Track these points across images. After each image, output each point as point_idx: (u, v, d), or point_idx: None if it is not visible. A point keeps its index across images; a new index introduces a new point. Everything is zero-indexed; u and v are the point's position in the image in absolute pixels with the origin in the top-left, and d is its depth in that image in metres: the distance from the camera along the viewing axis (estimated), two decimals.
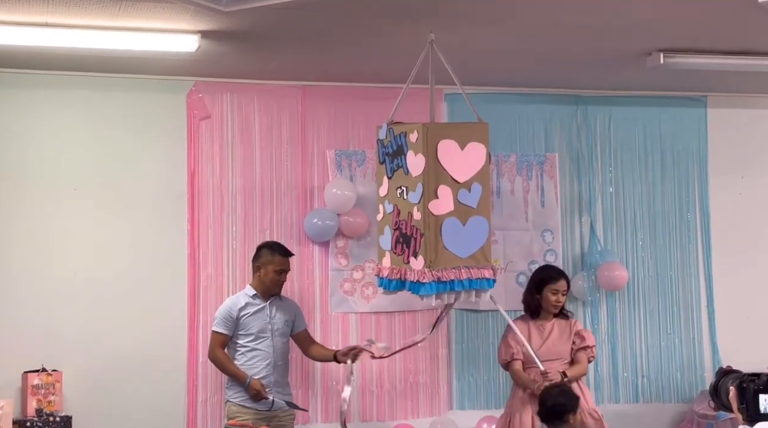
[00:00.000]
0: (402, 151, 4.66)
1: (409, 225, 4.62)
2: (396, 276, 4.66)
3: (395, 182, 4.72)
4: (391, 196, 4.74)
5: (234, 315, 5.27)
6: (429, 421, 6.00)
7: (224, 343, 5.29)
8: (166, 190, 5.79)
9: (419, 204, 4.55)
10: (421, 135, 4.55)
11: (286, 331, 5.39)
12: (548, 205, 6.32)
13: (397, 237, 4.68)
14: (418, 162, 4.57)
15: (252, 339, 5.27)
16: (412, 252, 4.59)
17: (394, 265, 4.69)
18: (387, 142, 4.77)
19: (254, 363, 5.24)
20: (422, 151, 4.54)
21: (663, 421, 6.30)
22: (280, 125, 6.00)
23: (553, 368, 5.18)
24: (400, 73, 4.87)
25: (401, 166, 4.68)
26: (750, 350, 6.20)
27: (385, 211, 4.78)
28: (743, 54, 5.39)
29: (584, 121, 6.41)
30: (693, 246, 6.50)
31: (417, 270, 4.54)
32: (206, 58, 5.24)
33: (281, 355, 5.33)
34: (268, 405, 5.20)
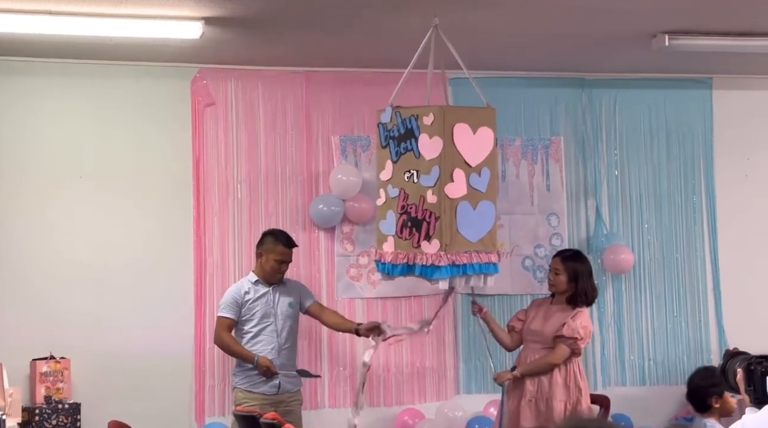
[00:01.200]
0: (412, 134, 4.65)
1: (420, 209, 4.61)
2: (402, 260, 4.66)
3: (403, 166, 4.70)
4: (396, 180, 4.73)
5: (239, 300, 5.29)
6: (436, 405, 6.01)
7: (230, 327, 5.31)
8: (171, 176, 5.80)
9: (435, 187, 4.55)
10: (437, 118, 4.56)
11: (293, 313, 5.40)
12: (554, 188, 6.31)
13: (403, 222, 4.67)
14: (434, 145, 4.57)
15: (256, 324, 5.29)
16: (423, 236, 4.58)
17: (400, 250, 4.68)
18: (392, 126, 4.75)
19: (259, 348, 5.26)
20: (439, 133, 4.55)
21: (670, 404, 6.30)
22: (285, 111, 5.99)
23: (531, 349, 5.18)
24: (404, 58, 4.85)
25: (410, 150, 4.67)
26: (756, 332, 6.20)
27: (389, 195, 4.77)
28: (748, 35, 5.36)
29: (589, 104, 6.39)
30: (699, 228, 6.49)
31: (431, 253, 4.54)
32: (210, 44, 5.24)
33: (287, 339, 5.34)
34: (275, 389, 5.23)
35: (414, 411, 5.97)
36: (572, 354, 5.09)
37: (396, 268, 4.69)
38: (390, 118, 4.76)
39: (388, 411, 5.98)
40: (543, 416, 5.02)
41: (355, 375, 5.93)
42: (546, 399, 5.06)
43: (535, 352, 5.17)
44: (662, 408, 6.28)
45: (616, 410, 6.00)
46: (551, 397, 5.05)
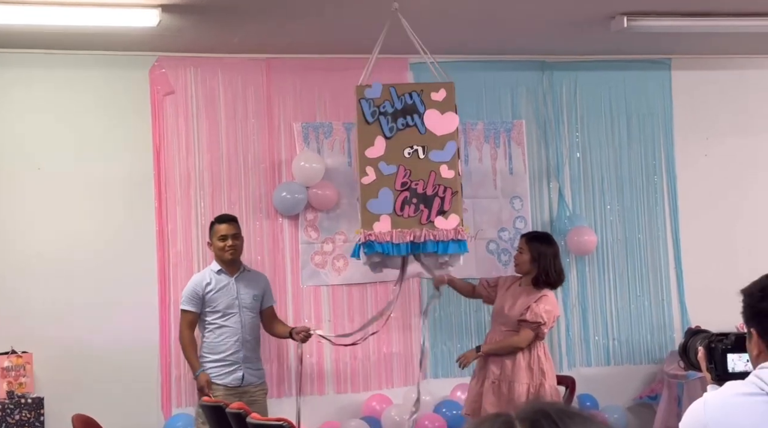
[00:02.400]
0: (414, 109, 4.64)
1: (430, 185, 4.59)
2: (408, 239, 4.62)
3: (401, 141, 4.67)
4: (392, 157, 4.67)
5: (200, 292, 5.25)
6: (403, 390, 6.02)
7: (193, 322, 5.28)
8: (131, 166, 5.74)
9: (450, 162, 4.56)
10: (450, 93, 4.58)
11: (255, 306, 5.37)
12: (516, 172, 6.33)
13: (405, 199, 4.64)
14: (448, 120, 4.59)
15: (219, 315, 5.25)
16: (436, 212, 4.57)
17: (401, 228, 4.63)
18: (382, 102, 4.70)
19: (223, 340, 5.23)
20: (453, 109, 4.59)
21: (634, 382, 6.37)
22: (245, 99, 5.95)
23: (495, 330, 5.21)
24: (365, 43, 4.85)
25: (412, 125, 4.65)
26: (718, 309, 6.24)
27: (381, 172, 4.70)
28: (705, 15, 5.40)
29: (550, 87, 6.41)
30: (660, 208, 6.54)
31: (449, 228, 4.54)
32: (168, 32, 5.18)
33: (250, 330, 5.32)
34: (239, 381, 5.21)
35: (381, 396, 5.98)
36: (536, 338, 5.11)
37: (398, 247, 4.65)
38: (380, 93, 4.71)
39: (356, 397, 5.98)
40: (505, 398, 5.05)
41: (322, 362, 5.93)
42: (509, 382, 5.08)
43: (501, 334, 5.20)
44: (627, 387, 6.35)
45: (582, 390, 6.06)
46: (514, 380, 5.07)
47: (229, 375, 5.21)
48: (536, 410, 1.22)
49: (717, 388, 2.13)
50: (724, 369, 2.34)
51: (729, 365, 2.34)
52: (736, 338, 2.35)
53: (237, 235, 5.32)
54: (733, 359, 2.34)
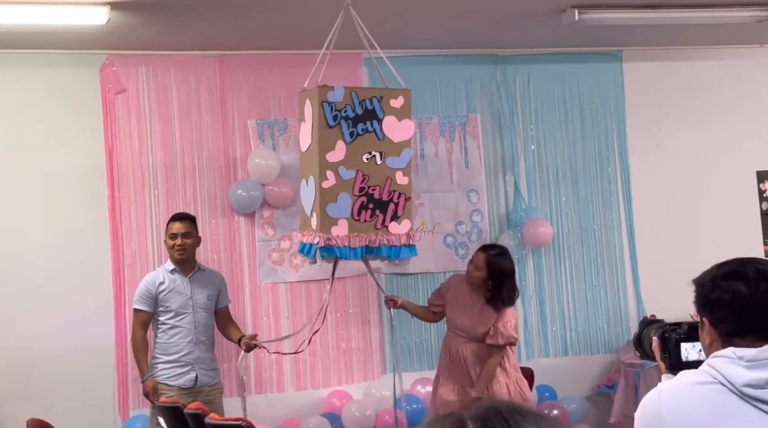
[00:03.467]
0: (374, 115, 4.65)
1: (386, 190, 4.61)
2: (362, 243, 4.64)
3: (360, 147, 4.67)
4: (351, 162, 4.67)
5: (152, 291, 5.20)
6: (363, 386, 6.02)
7: (146, 321, 5.22)
8: (84, 166, 5.67)
9: (405, 169, 4.60)
10: (407, 100, 4.61)
11: (209, 306, 5.32)
12: (472, 165, 6.35)
13: (362, 204, 4.65)
14: (405, 127, 4.62)
15: (173, 315, 5.20)
16: (390, 217, 4.61)
17: (356, 233, 4.65)
18: (344, 106, 4.69)
19: (176, 341, 5.18)
20: (410, 116, 4.62)
21: (592, 372, 6.43)
22: (199, 96, 5.89)
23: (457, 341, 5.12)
24: (318, 39, 4.82)
25: (371, 131, 4.66)
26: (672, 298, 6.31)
27: (340, 177, 4.70)
28: (655, 7, 5.46)
29: (504, 81, 6.44)
30: (614, 199, 6.60)
31: (401, 233, 4.59)
32: (118, 30, 5.11)
33: (204, 331, 5.27)
34: (192, 382, 5.16)
35: (341, 392, 5.97)
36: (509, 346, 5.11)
37: (354, 252, 4.66)
38: (342, 97, 4.70)
39: (316, 394, 5.97)
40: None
41: (281, 359, 5.91)
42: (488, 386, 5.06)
43: (462, 344, 5.11)
44: (585, 377, 6.41)
45: (541, 381, 6.11)
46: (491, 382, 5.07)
47: (182, 377, 5.16)
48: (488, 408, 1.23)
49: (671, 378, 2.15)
50: (678, 359, 2.36)
51: (683, 354, 2.37)
52: (689, 327, 2.37)
53: (189, 234, 5.24)
54: (687, 348, 2.37)
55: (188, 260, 5.26)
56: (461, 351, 5.12)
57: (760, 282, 2.02)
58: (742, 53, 6.80)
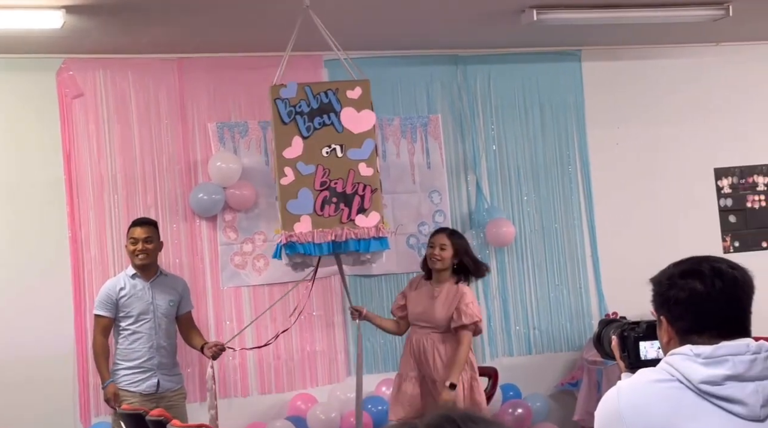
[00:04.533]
0: (330, 108, 4.62)
1: (349, 183, 4.58)
2: (329, 238, 4.60)
3: (319, 141, 4.65)
4: (309, 157, 4.65)
5: (113, 297, 5.14)
6: (328, 388, 6.01)
7: (107, 327, 5.16)
8: (42, 171, 5.61)
9: (368, 160, 4.55)
10: (365, 91, 4.56)
11: (171, 311, 5.26)
12: (434, 166, 6.36)
13: (325, 198, 4.62)
14: (365, 118, 4.57)
15: (133, 321, 5.14)
16: (356, 210, 4.55)
17: (321, 228, 4.61)
18: (298, 101, 4.67)
19: (136, 347, 5.12)
20: (369, 107, 4.57)
21: (555, 370, 6.47)
22: (158, 100, 5.85)
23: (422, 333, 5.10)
24: (278, 41, 4.81)
25: (329, 124, 4.62)
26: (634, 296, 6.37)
27: (299, 172, 4.67)
28: (613, 7, 5.50)
29: (464, 81, 6.45)
30: (576, 197, 6.64)
31: (369, 226, 4.52)
32: (74, 34, 5.05)
33: (166, 336, 5.21)
34: (153, 388, 5.11)
35: (306, 395, 5.95)
36: (474, 334, 5.08)
37: (320, 247, 4.63)
38: (295, 92, 4.68)
39: (280, 398, 5.94)
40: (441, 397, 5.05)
41: (245, 363, 5.88)
42: (444, 380, 4.98)
43: (424, 336, 5.09)
44: (548, 375, 6.44)
45: (504, 380, 6.13)
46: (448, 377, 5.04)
47: (143, 383, 5.11)
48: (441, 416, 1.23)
49: (631, 376, 2.17)
50: (637, 357, 2.38)
51: (641, 353, 2.39)
52: (648, 326, 2.39)
53: (150, 239, 5.19)
54: (645, 346, 2.39)
55: (150, 265, 5.21)
56: (423, 343, 5.09)
57: (716, 279, 2.05)
58: (699, 52, 6.89)
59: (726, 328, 2.03)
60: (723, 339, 2.01)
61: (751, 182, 6.98)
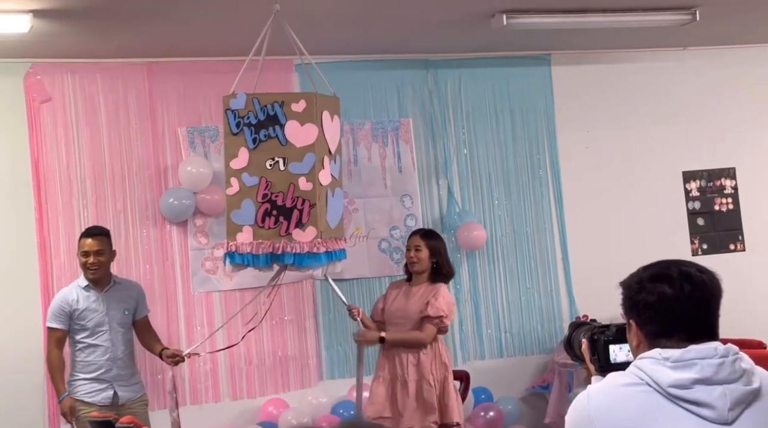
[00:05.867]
0: (276, 120, 4.61)
1: (289, 197, 4.57)
2: (267, 250, 4.60)
3: (263, 153, 4.64)
4: (255, 168, 4.65)
5: (66, 309, 5.01)
6: (300, 393, 5.99)
7: (61, 339, 5.02)
8: (9, 177, 5.55)
9: (308, 174, 4.53)
10: (310, 104, 4.55)
11: (127, 320, 5.16)
12: (405, 170, 6.37)
13: (266, 211, 4.62)
14: (307, 131, 4.56)
15: (88, 334, 5.02)
16: (294, 224, 4.55)
17: (261, 240, 4.62)
18: (246, 112, 4.67)
19: (93, 359, 5.01)
20: (312, 120, 4.55)
21: (527, 373, 6.49)
22: (127, 104, 5.81)
23: (394, 331, 5.16)
24: (248, 46, 4.79)
25: (273, 136, 4.62)
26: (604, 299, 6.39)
27: (244, 184, 4.69)
28: (582, 12, 5.54)
29: (435, 85, 6.47)
30: (546, 201, 6.67)
31: (305, 241, 4.52)
32: (41, 38, 5.01)
33: (122, 347, 5.10)
34: (108, 400, 4.99)
35: (278, 400, 5.93)
36: (438, 331, 5.13)
37: (258, 259, 4.63)
38: (244, 104, 4.68)
39: (252, 403, 5.92)
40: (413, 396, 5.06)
41: (216, 369, 5.85)
42: (416, 380, 5.06)
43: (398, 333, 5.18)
44: (520, 378, 6.46)
45: (476, 383, 6.14)
46: (421, 377, 5.06)
47: (99, 394, 5.00)
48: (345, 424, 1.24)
49: (601, 379, 2.18)
50: (607, 360, 2.40)
51: (611, 356, 2.41)
52: (617, 329, 2.41)
53: (101, 252, 5.04)
54: (615, 350, 2.41)
55: (102, 277, 5.09)
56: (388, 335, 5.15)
57: (684, 283, 2.06)
58: (667, 56, 6.95)
59: (694, 332, 2.05)
60: (691, 343, 2.03)
61: (718, 185, 7.05)
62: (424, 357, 5.10)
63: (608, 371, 2.20)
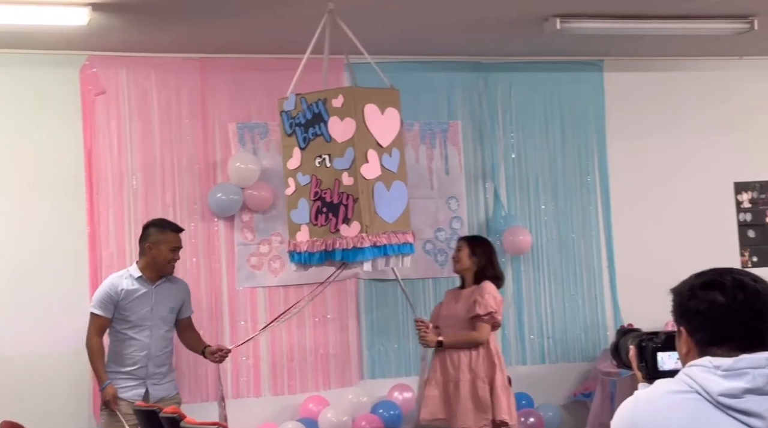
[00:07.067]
0: (321, 118, 4.64)
1: (336, 193, 4.59)
2: (320, 248, 4.63)
3: (312, 152, 4.67)
4: (306, 168, 4.69)
5: (114, 297, 4.99)
6: (340, 392, 6.00)
7: (103, 327, 5.01)
8: (62, 168, 5.64)
9: (350, 169, 4.54)
10: (347, 99, 4.56)
11: (170, 318, 5.16)
12: (452, 172, 6.36)
13: (318, 208, 4.64)
14: (346, 126, 4.57)
15: (129, 326, 5.00)
16: (342, 220, 4.57)
17: (316, 237, 4.65)
18: (297, 113, 4.71)
19: (130, 353, 5.00)
20: (350, 115, 4.56)
21: (569, 380, 6.44)
22: (179, 99, 5.87)
23: (447, 333, 5.25)
24: (300, 44, 4.82)
25: (320, 134, 4.64)
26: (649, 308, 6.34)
27: (299, 183, 4.73)
28: (637, 18, 5.49)
29: (485, 88, 6.45)
30: (593, 208, 6.62)
31: (351, 236, 4.53)
32: (99, 31, 5.09)
33: (160, 345, 5.08)
34: (139, 397, 4.98)
35: (318, 398, 5.95)
36: (493, 328, 5.22)
37: (313, 257, 4.66)
38: (294, 105, 4.72)
39: (293, 399, 5.94)
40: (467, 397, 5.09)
41: (258, 364, 5.89)
42: (470, 380, 5.12)
43: (451, 335, 5.24)
44: (561, 385, 6.42)
45: (517, 389, 6.08)
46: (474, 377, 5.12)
47: (130, 390, 4.99)
48: None
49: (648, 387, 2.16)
50: (655, 368, 2.38)
51: (659, 363, 2.38)
52: (666, 337, 2.38)
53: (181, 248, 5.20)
54: (663, 357, 2.38)
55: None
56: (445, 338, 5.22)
57: (737, 291, 2.03)
58: (722, 65, 6.86)
59: (746, 341, 2.02)
60: (743, 352, 2.00)
61: None
62: (476, 356, 5.16)
63: (655, 378, 2.18)
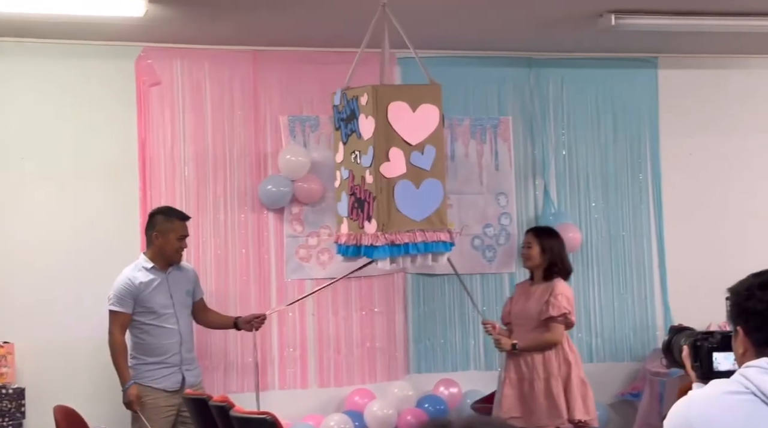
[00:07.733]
0: (354, 115, 4.67)
1: (362, 190, 4.62)
2: (353, 242, 4.67)
3: (350, 147, 4.71)
4: (346, 162, 4.74)
5: (133, 290, 4.99)
6: (386, 385, 6.02)
7: (125, 324, 5.01)
8: (116, 157, 5.71)
9: (371, 167, 4.55)
10: (370, 97, 4.55)
11: (188, 302, 5.20)
12: (502, 168, 6.33)
13: (352, 203, 4.69)
14: (369, 124, 4.57)
15: (155, 317, 5.01)
16: (365, 217, 4.59)
17: (351, 231, 4.70)
18: (342, 108, 4.75)
19: (160, 342, 5.00)
20: (372, 113, 4.54)
21: (617, 380, 6.39)
22: (232, 91, 5.92)
23: (520, 332, 5.25)
24: (352, 37, 4.83)
25: (354, 131, 4.68)
26: (699, 309, 6.28)
27: (342, 177, 4.79)
28: (692, 14, 5.42)
29: (537, 84, 6.41)
30: (645, 206, 6.55)
31: (370, 234, 4.55)
32: (154, 23, 5.15)
33: (188, 330, 5.13)
34: (178, 384, 5.00)
35: (364, 391, 5.97)
36: (566, 327, 5.21)
37: (348, 249, 4.70)
38: (339, 99, 4.76)
39: (339, 392, 5.97)
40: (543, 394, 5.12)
41: (305, 356, 5.92)
42: (544, 379, 5.14)
43: (524, 334, 5.24)
44: (609, 384, 6.35)
45: None
46: (549, 376, 5.14)
47: (168, 379, 5.00)
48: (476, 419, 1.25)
49: (702, 386, 2.14)
50: (710, 368, 2.35)
51: (714, 364, 2.35)
52: (722, 337, 2.35)
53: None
54: (719, 358, 2.35)
55: None
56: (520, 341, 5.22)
57: None
58: None
59: None
60: None
61: None
62: (549, 354, 5.16)
63: (710, 379, 2.15)
